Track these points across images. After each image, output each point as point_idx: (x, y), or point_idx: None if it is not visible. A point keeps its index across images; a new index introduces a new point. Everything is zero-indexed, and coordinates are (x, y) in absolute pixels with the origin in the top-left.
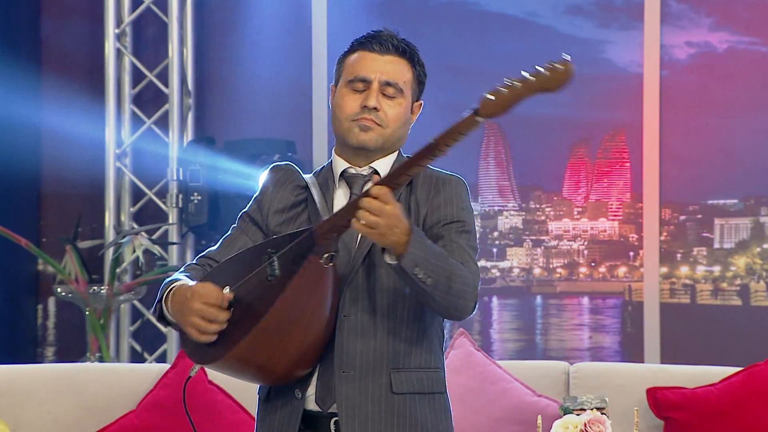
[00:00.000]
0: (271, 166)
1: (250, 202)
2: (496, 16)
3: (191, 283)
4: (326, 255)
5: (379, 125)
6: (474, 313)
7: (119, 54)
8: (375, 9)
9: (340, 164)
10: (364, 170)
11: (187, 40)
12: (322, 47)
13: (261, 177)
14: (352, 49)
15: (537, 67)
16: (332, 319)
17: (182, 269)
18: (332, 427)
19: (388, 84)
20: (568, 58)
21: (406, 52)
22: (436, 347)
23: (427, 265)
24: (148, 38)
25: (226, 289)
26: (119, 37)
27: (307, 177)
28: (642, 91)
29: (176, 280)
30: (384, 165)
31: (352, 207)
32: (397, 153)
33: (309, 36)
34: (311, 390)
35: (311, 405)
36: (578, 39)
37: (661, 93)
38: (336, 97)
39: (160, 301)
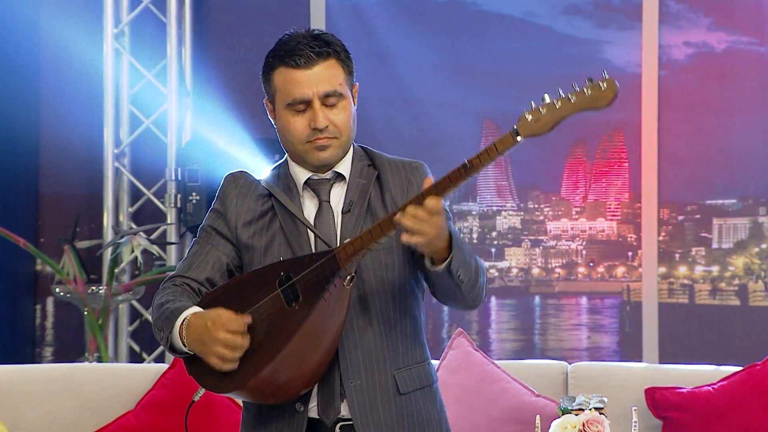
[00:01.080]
0: (228, 175)
1: (210, 214)
2: (495, 16)
3: (197, 309)
4: (348, 277)
5: (334, 138)
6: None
7: (117, 54)
8: (373, 9)
9: (302, 174)
10: (328, 175)
11: (185, 40)
12: None
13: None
14: (274, 65)
15: (580, 86)
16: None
17: (163, 292)
18: (338, 431)
19: (327, 95)
20: (606, 75)
21: (329, 52)
22: (424, 339)
23: (465, 266)
24: (146, 38)
25: (247, 318)
26: (117, 37)
27: (267, 185)
28: (640, 91)
29: (176, 307)
30: (345, 166)
31: (379, 227)
32: (352, 148)
33: None
34: (313, 402)
35: (313, 414)
36: (576, 39)
37: (659, 93)
38: (281, 121)
39: (169, 331)
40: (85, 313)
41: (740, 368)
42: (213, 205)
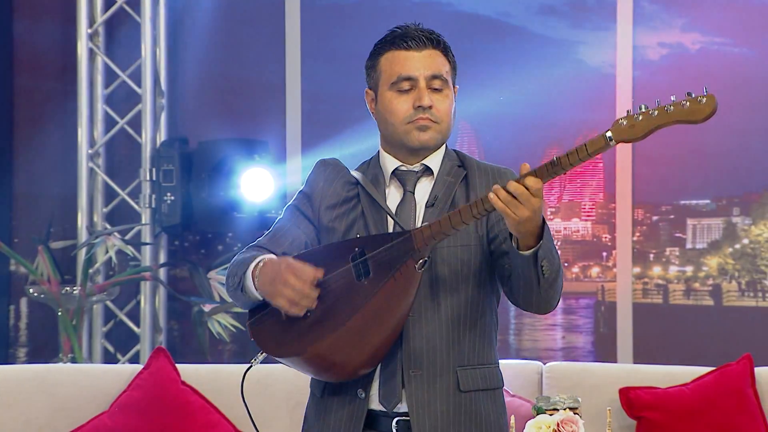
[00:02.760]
0: (319, 161)
1: (298, 195)
2: (469, 17)
3: (274, 257)
4: (421, 261)
5: (435, 122)
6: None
7: (92, 54)
8: (348, 9)
9: (391, 162)
10: (416, 167)
11: (160, 40)
12: (296, 48)
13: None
14: (382, 50)
15: (679, 97)
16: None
17: (244, 254)
18: (394, 427)
19: (434, 77)
20: (707, 91)
21: (440, 43)
22: (494, 342)
23: (551, 259)
24: (120, 38)
25: (320, 271)
26: (92, 37)
27: (355, 173)
28: (615, 92)
29: (253, 256)
30: (435, 161)
31: (459, 214)
32: (444, 147)
33: (282, 37)
34: (374, 389)
35: (374, 404)
36: (551, 39)
37: (633, 93)
38: (383, 102)
39: (242, 274)
40: (60, 313)
41: (714, 368)
42: (302, 187)
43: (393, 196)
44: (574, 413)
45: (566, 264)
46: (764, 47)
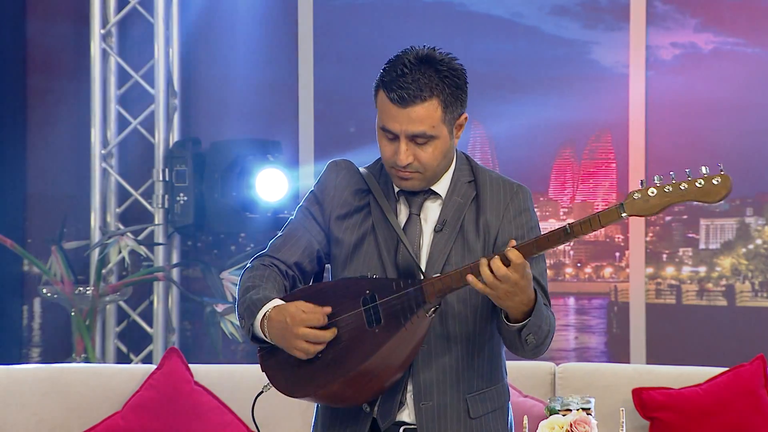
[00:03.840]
0: (331, 163)
1: (308, 197)
2: (482, 17)
3: (278, 302)
4: (432, 309)
5: (416, 172)
6: None
7: (105, 54)
8: (360, 10)
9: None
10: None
11: (173, 40)
12: (308, 48)
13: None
14: (380, 85)
15: (693, 177)
16: None
17: (251, 273)
18: None
19: (415, 136)
20: (722, 168)
21: (433, 93)
22: (503, 359)
23: (537, 332)
24: (133, 39)
25: (327, 309)
26: (105, 38)
27: (367, 175)
28: (628, 92)
29: (258, 298)
30: (442, 186)
31: (469, 268)
32: (453, 164)
33: (295, 37)
34: (376, 404)
35: (375, 415)
36: (564, 40)
37: (646, 94)
38: (378, 137)
39: (251, 322)
40: (73, 313)
41: (727, 369)
42: (314, 188)
43: (402, 213)
44: (587, 414)
45: (579, 264)
46: None
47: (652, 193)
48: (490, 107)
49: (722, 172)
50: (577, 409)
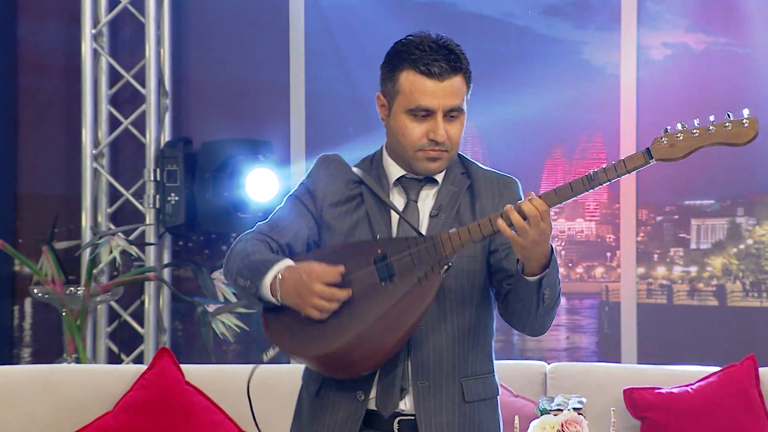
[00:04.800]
0: (322, 156)
1: (299, 188)
2: (473, 17)
3: (289, 262)
4: (445, 266)
5: (446, 151)
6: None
7: (96, 54)
8: (352, 11)
9: (396, 170)
10: (420, 176)
11: (164, 40)
12: (300, 48)
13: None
14: (403, 65)
15: (719, 121)
16: None
17: (246, 243)
18: (396, 426)
19: (452, 110)
20: (748, 113)
21: (461, 68)
22: (492, 351)
23: (554, 288)
24: (125, 38)
25: (340, 268)
26: (96, 38)
27: (358, 171)
28: (619, 92)
29: (266, 258)
30: (439, 173)
31: (489, 223)
32: None
33: (286, 36)
34: (373, 392)
35: (372, 406)
36: (555, 40)
37: (637, 94)
38: (396, 123)
39: (258, 281)
40: (64, 314)
41: (718, 368)
42: (304, 180)
43: (396, 202)
44: (578, 414)
45: (570, 264)
46: (767, 47)
47: (679, 137)
48: (482, 107)
49: (750, 115)
50: (569, 409)
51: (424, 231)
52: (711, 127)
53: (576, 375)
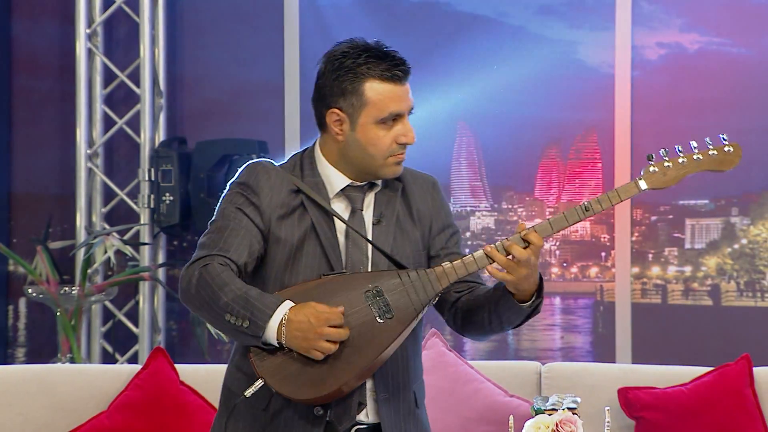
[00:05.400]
0: (258, 165)
1: (237, 199)
2: (468, 17)
3: (291, 303)
4: (436, 297)
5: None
6: None
7: (90, 54)
8: (346, 10)
9: (340, 179)
10: (364, 183)
11: (158, 40)
12: (294, 48)
13: (249, 174)
14: (365, 75)
15: (703, 148)
16: None
17: (220, 269)
18: None
19: (411, 110)
20: (726, 138)
21: (409, 70)
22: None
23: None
24: (119, 38)
25: (341, 308)
26: (90, 37)
27: (296, 181)
28: (613, 92)
29: (261, 297)
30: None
31: (482, 259)
32: None
33: (281, 36)
34: (330, 408)
35: (330, 418)
36: (550, 39)
37: (632, 93)
38: (366, 135)
39: (259, 321)
40: (58, 313)
41: (712, 368)
42: (241, 190)
43: (338, 211)
44: (573, 413)
45: (565, 264)
46: (762, 47)
47: (668, 165)
48: (476, 107)
49: (730, 142)
50: (563, 409)
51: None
52: (698, 155)
53: (570, 375)
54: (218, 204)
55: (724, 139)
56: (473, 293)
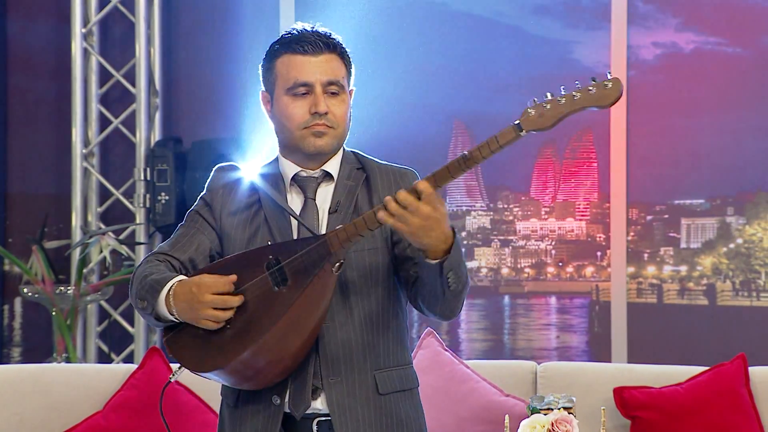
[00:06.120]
0: (217, 167)
1: (198, 201)
2: (464, 16)
3: (181, 277)
4: (337, 264)
5: (331, 127)
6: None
7: (86, 53)
8: (343, 11)
9: (290, 168)
10: (316, 173)
11: (154, 39)
12: None
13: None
14: (278, 53)
15: (584, 84)
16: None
17: (145, 265)
18: (315, 427)
19: (330, 83)
20: (611, 74)
21: (336, 47)
22: (406, 343)
23: (457, 271)
24: (115, 38)
25: (232, 277)
26: (86, 37)
27: (254, 177)
28: None
29: (161, 278)
30: (334, 165)
31: (373, 215)
32: (342, 150)
33: (277, 35)
34: (287, 395)
35: (287, 409)
36: (545, 39)
37: (627, 93)
38: (279, 107)
39: (154, 301)
40: (54, 313)
41: (708, 368)
42: (202, 195)
43: (294, 203)
44: (569, 413)
45: (560, 264)
46: (757, 47)
47: (546, 106)
48: (472, 106)
49: (612, 76)
50: (559, 408)
51: (324, 228)
52: (576, 93)
53: (566, 374)
54: None
55: (608, 74)
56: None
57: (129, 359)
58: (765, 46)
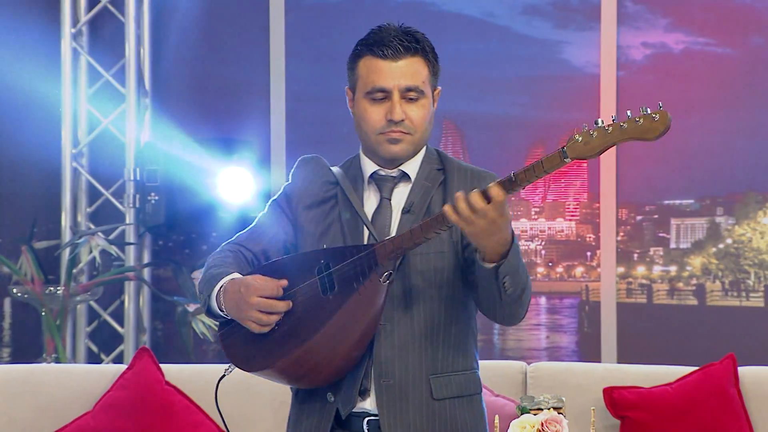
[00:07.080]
0: (301, 159)
1: (280, 191)
2: (454, 17)
3: (236, 275)
4: (386, 274)
5: (407, 134)
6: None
7: (75, 53)
8: (331, 9)
9: (369, 166)
10: (394, 173)
11: (144, 39)
12: (280, 47)
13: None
14: (360, 53)
15: (633, 114)
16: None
17: (216, 255)
18: (365, 426)
19: (408, 90)
20: (661, 106)
21: (418, 50)
22: (471, 348)
23: (514, 276)
24: (104, 38)
25: (282, 281)
26: (75, 37)
27: (337, 171)
28: (599, 92)
29: (218, 272)
30: (413, 166)
31: (420, 228)
32: (424, 150)
33: (267, 36)
34: (339, 393)
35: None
36: (535, 39)
37: (617, 93)
38: (358, 109)
39: (207, 295)
40: (43, 313)
41: (697, 368)
42: (285, 183)
43: (370, 201)
44: (559, 413)
45: (550, 264)
46: (747, 47)
47: (593, 134)
48: (462, 106)
49: (661, 109)
50: (549, 409)
51: (394, 229)
52: (623, 124)
53: (556, 374)
54: None
55: (659, 106)
56: None
57: (118, 359)
58: (754, 46)
